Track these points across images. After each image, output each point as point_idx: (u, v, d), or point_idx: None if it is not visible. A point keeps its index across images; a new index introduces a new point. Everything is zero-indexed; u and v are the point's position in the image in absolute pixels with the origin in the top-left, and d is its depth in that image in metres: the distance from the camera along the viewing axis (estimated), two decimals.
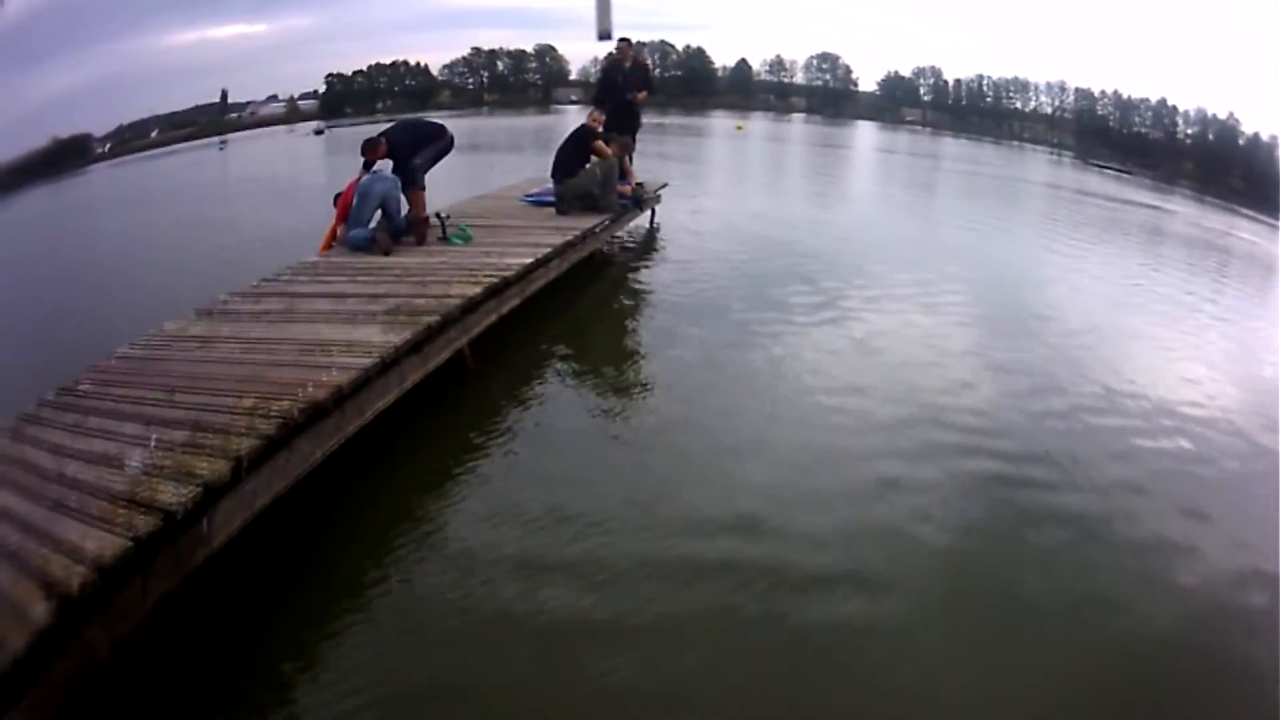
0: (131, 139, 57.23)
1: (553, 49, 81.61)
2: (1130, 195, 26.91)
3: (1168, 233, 17.55)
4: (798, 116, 74.06)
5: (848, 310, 6.98)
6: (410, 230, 6.21)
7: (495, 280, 4.86)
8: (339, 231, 6.31)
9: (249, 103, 70.17)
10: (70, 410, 3.25)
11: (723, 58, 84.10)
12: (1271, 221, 29.46)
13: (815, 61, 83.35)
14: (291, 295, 4.78)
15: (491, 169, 16.98)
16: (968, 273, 8.98)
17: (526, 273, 5.36)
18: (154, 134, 60.14)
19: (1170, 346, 7.13)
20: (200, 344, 3.99)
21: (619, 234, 9.00)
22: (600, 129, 7.86)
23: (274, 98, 72.00)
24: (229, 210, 13.59)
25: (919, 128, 73.72)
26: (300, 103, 71.44)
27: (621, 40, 9.23)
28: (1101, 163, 49.01)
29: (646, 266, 8.35)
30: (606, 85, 9.12)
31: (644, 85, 9.16)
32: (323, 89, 73.48)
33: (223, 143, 45.38)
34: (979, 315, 7.21)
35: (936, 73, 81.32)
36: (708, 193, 14.14)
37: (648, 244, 9.41)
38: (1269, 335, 8.32)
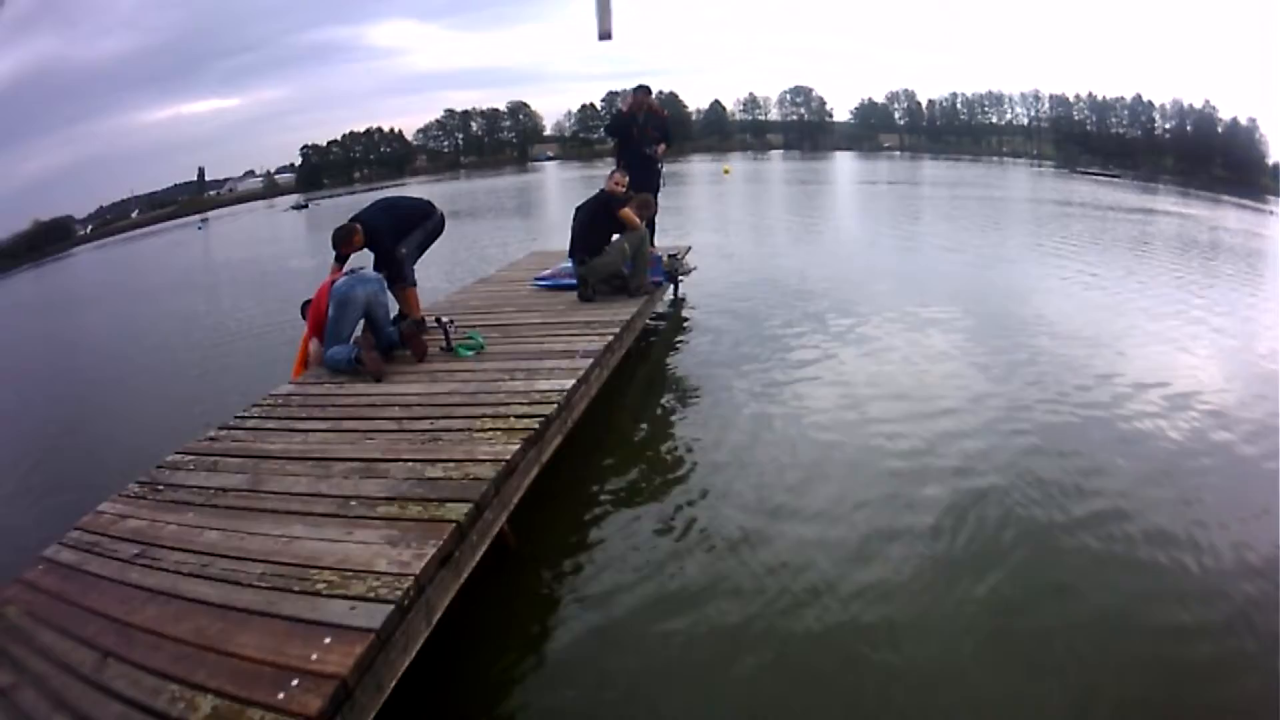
0: (113, 220, 56.84)
1: (525, 105, 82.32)
2: (1145, 203, 26.04)
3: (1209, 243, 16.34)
4: (776, 153, 74.46)
5: (904, 357, 6.58)
6: (405, 343, 4.93)
7: (534, 426, 3.55)
8: (312, 347, 5.06)
9: (226, 179, 70.02)
10: None
11: (696, 100, 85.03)
12: (1258, 205, 29.07)
13: (789, 96, 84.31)
14: (258, 457, 3.50)
15: (480, 239, 15.99)
16: (1015, 311, 8.19)
17: (568, 401, 4.05)
18: (135, 214, 59.78)
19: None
20: (140, 551, 2.78)
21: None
22: (623, 190, 6.64)
23: (251, 173, 72.07)
24: (208, 301, 12.52)
25: (897, 153, 74.02)
26: (277, 176, 71.34)
27: (639, 88, 8.15)
28: (1086, 169, 48.90)
29: (683, 346, 7.13)
30: (620, 139, 7.96)
31: (662, 136, 7.99)
32: (299, 161, 73.70)
33: (203, 221, 44.72)
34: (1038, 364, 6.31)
35: (910, 95, 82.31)
36: (720, 249, 12.87)
37: (676, 316, 8.16)
38: None
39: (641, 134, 7.78)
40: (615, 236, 6.51)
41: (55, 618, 2.49)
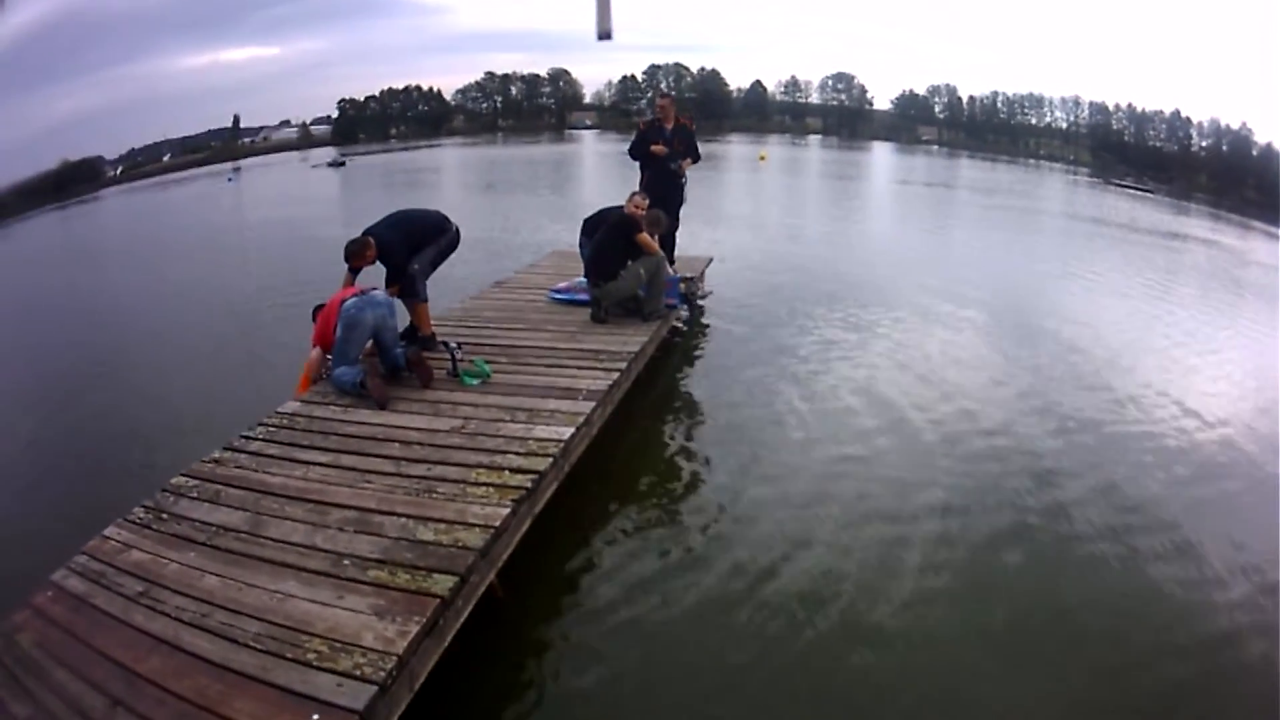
0: (143, 162, 57.07)
1: (566, 73, 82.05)
2: (1182, 226, 25.46)
3: None
4: (814, 139, 73.75)
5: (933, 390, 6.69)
6: (410, 367, 5.02)
7: (526, 485, 3.64)
8: (314, 355, 5.19)
9: (261, 128, 70.02)
10: None
11: (737, 79, 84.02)
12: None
13: (830, 81, 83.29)
14: (259, 492, 3.62)
15: (506, 220, 15.97)
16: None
17: (567, 448, 4.15)
18: (166, 158, 60.03)
19: None
20: (143, 589, 2.92)
21: None
22: (643, 214, 6.65)
23: (286, 123, 72.02)
24: (236, 272, 12.29)
25: (935, 147, 72.93)
26: (313, 128, 71.40)
27: (662, 97, 8.13)
28: (1120, 181, 48.11)
29: (695, 370, 7.22)
30: (644, 152, 7.90)
31: (689, 151, 7.93)
32: (335, 114, 73.81)
33: (235, 171, 44.65)
34: None
35: (951, 90, 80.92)
36: (746, 257, 12.59)
37: (691, 335, 8.14)
38: None
39: (668, 147, 7.75)
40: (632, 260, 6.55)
41: (66, 654, 2.64)
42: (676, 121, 7.95)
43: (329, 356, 5.11)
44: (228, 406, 6.14)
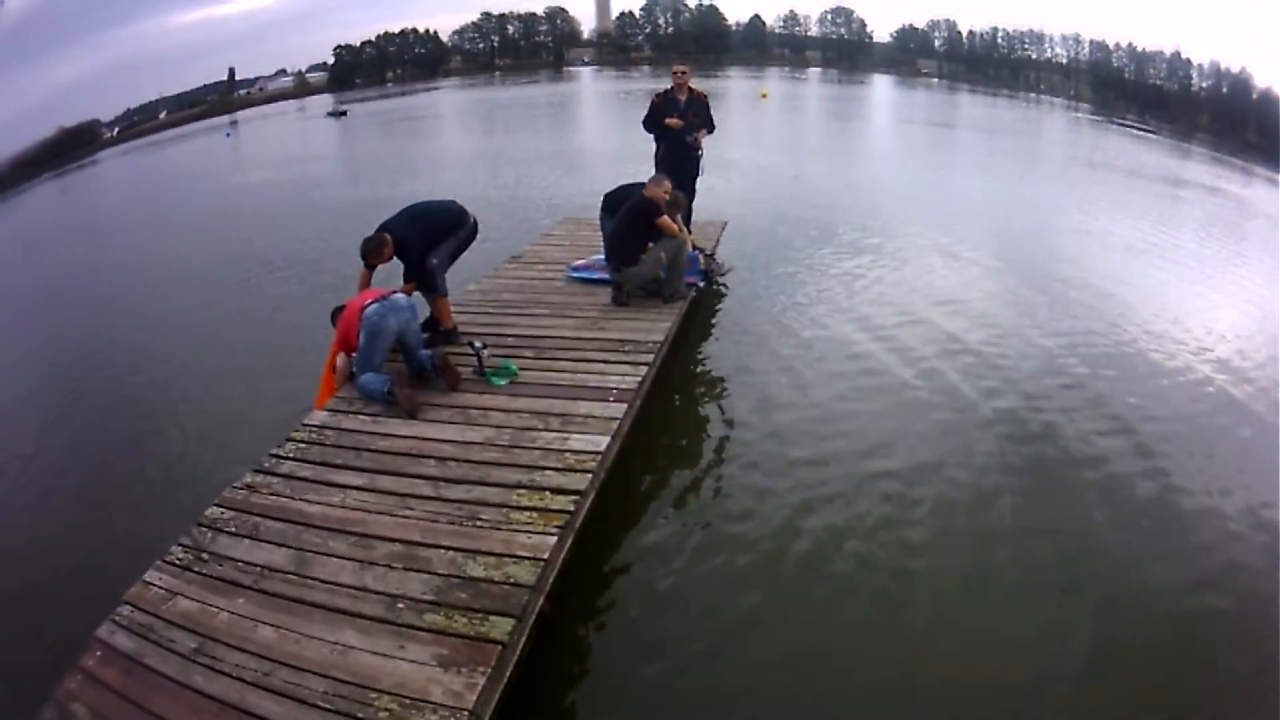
0: (140, 121, 56.04)
1: (563, 10, 79.94)
2: (1189, 171, 24.81)
3: None
4: (813, 72, 72.43)
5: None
6: (437, 372, 4.89)
7: (569, 508, 3.57)
8: (339, 362, 5.08)
9: (257, 79, 68.60)
10: None
11: (735, 13, 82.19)
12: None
13: (829, 15, 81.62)
14: (300, 525, 3.55)
15: (517, 177, 15.57)
16: None
17: (603, 460, 4.07)
18: (162, 115, 58.88)
19: None
20: (198, 645, 2.86)
21: None
22: (666, 197, 6.43)
23: (282, 72, 70.76)
24: (241, 247, 11.56)
25: (934, 81, 71.46)
26: (309, 76, 70.10)
27: (677, 68, 7.83)
28: (1123, 119, 47.38)
29: (714, 339, 7.15)
30: (658, 124, 7.67)
31: (704, 123, 7.73)
32: (331, 61, 72.58)
33: (232, 124, 43.92)
34: None
35: (950, 24, 79.39)
36: (761, 203, 12.18)
37: (708, 305, 7.94)
38: None
39: (683, 119, 7.54)
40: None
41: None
42: (691, 93, 7.72)
43: (353, 354, 5.02)
44: (242, 402, 6.13)
